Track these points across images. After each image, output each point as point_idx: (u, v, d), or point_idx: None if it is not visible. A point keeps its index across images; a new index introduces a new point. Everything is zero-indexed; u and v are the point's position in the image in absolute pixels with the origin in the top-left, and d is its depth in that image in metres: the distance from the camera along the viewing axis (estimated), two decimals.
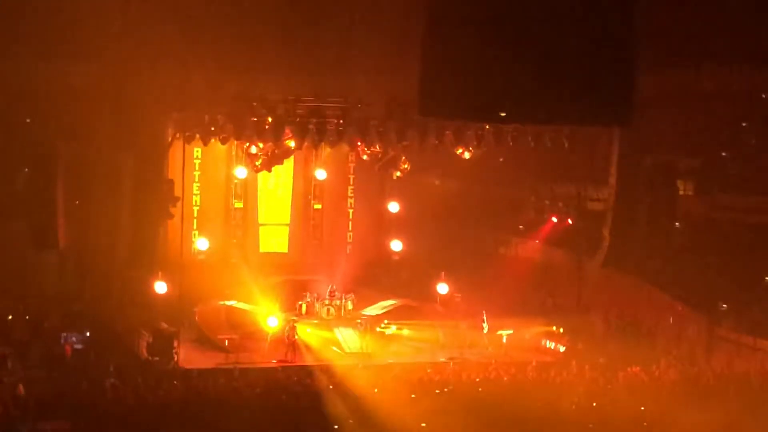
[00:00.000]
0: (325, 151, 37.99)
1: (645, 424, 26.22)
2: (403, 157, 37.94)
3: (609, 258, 35.16)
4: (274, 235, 41.00)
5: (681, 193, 37.78)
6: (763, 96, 39.70)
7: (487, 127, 33.89)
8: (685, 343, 33.37)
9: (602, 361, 30.25)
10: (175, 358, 30.30)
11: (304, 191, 41.04)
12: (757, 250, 36.30)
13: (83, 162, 31.31)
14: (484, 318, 33.78)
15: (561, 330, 34.22)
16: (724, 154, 41.01)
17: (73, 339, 30.70)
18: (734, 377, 29.81)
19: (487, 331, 33.59)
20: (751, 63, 37.08)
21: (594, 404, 27.01)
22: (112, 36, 29.82)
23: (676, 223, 37.53)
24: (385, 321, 34.51)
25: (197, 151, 37.68)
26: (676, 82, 37.41)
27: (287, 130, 33.78)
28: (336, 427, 25.14)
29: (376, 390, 27.33)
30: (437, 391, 27.84)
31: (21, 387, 26.04)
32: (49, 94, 30.33)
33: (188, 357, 30.87)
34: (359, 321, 34.60)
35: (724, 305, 35.04)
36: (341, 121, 33.91)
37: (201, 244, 38.17)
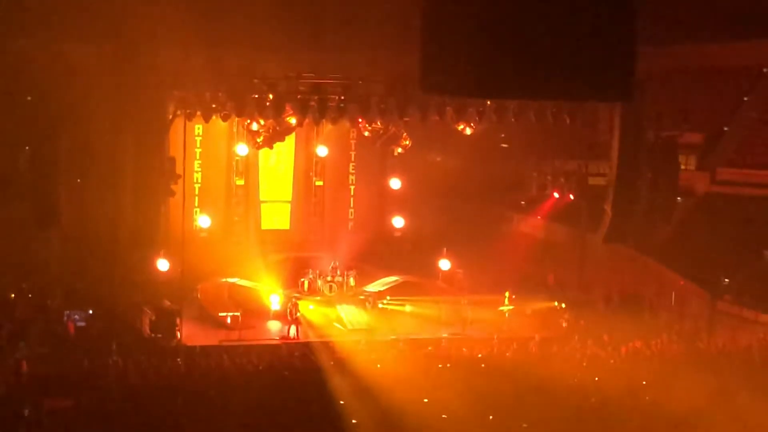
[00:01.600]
0: (327, 127, 37.91)
1: (647, 397, 26.28)
2: (405, 134, 37.94)
3: (611, 233, 35.19)
4: (276, 212, 41.03)
5: (682, 167, 37.76)
6: (765, 70, 39.68)
7: (489, 103, 33.86)
8: (687, 318, 33.44)
9: (604, 336, 30.32)
10: (178, 336, 30.41)
11: (306, 168, 41.04)
12: (757, 225, 36.35)
13: (84, 140, 31.26)
14: (507, 295, 33.88)
15: (563, 305, 34.30)
16: (725, 128, 41.01)
17: (76, 317, 30.78)
18: (736, 351, 29.89)
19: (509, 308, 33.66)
20: (752, 38, 37.05)
21: (596, 379, 27.07)
22: (112, 15, 29.73)
23: (678, 198, 37.54)
24: (388, 297, 34.60)
25: (198, 129, 37.66)
26: (677, 58, 37.41)
27: (288, 107, 33.75)
28: (342, 402, 25.19)
29: (378, 366, 27.43)
30: (440, 366, 27.94)
31: (24, 364, 26.15)
32: (49, 73, 30.24)
33: (191, 334, 30.99)
34: (362, 297, 34.69)
35: (726, 279, 35.08)
36: (342, 98, 33.85)
37: (203, 221, 38.22)
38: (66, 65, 30.39)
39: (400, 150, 38.82)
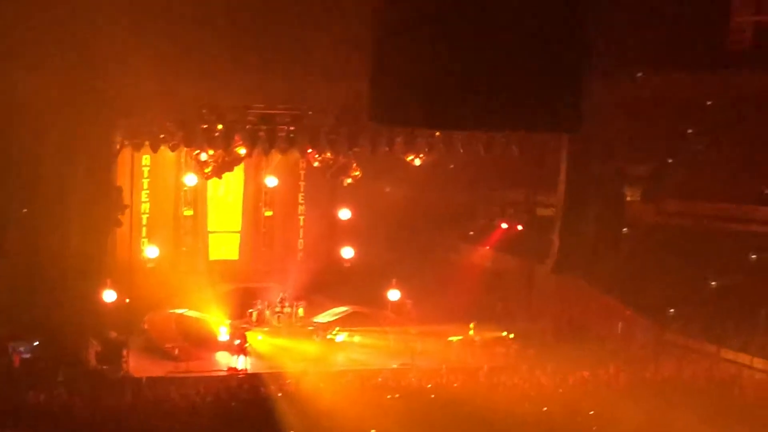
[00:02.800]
0: (276, 158, 37.87)
1: (594, 428, 26.41)
2: (354, 164, 38.01)
3: (558, 264, 35.41)
4: (225, 243, 40.82)
5: (629, 199, 38.11)
6: (708, 103, 40.15)
7: (438, 134, 34.04)
8: (634, 347, 33.64)
9: (552, 366, 30.43)
10: (125, 367, 30.12)
11: (255, 198, 40.92)
12: (703, 255, 36.69)
13: (31, 170, 30.98)
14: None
15: (511, 335, 34.40)
16: (670, 160, 41.43)
17: (21, 349, 30.37)
18: (682, 381, 30.12)
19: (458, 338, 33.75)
20: (698, 71, 37.51)
21: (545, 408, 27.17)
22: (61, 44, 29.55)
23: (624, 229, 37.86)
24: (337, 328, 34.53)
25: (146, 159, 37.38)
26: (624, 90, 37.74)
27: (237, 138, 33.71)
28: None
29: (327, 397, 27.33)
30: (389, 397, 27.89)
31: None
32: None
33: (138, 365, 30.68)
34: (311, 328, 34.58)
35: (672, 310, 35.37)
36: (292, 128, 33.90)
37: (150, 251, 37.88)
38: (11, 96, 30.13)
39: (349, 180, 38.86)
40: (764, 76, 32.40)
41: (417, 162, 36.45)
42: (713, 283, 37.07)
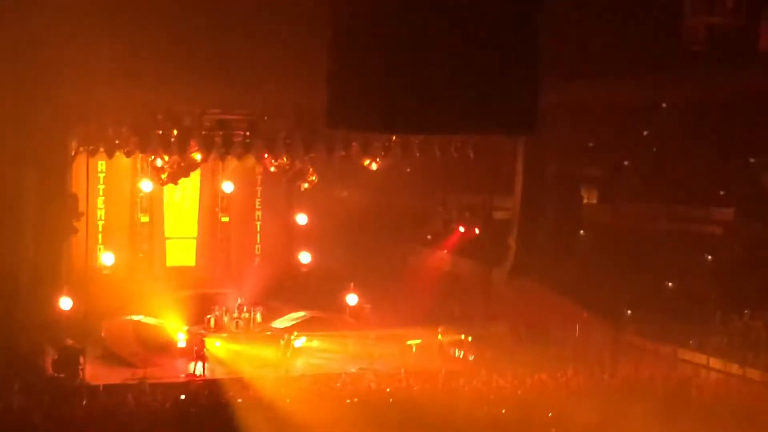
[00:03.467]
0: (232, 163, 37.75)
1: (552, 430, 26.52)
2: (311, 169, 37.96)
3: (515, 267, 35.57)
4: (181, 249, 40.63)
5: (585, 201, 38.36)
6: (663, 106, 40.48)
7: (394, 138, 34.09)
8: (592, 350, 33.82)
9: (510, 369, 30.53)
10: (81, 375, 29.88)
11: (211, 204, 40.76)
12: (659, 257, 36.99)
13: None
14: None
15: (469, 339, 34.48)
16: (626, 163, 41.73)
17: None
18: (639, 382, 30.31)
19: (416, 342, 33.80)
20: (652, 73, 37.78)
21: (503, 411, 27.26)
22: (12, 47, 29.31)
23: (581, 231, 38.10)
24: (295, 333, 34.44)
25: (101, 165, 37.14)
26: (580, 93, 37.92)
27: (193, 143, 33.60)
28: None
29: (287, 401, 27.28)
30: (348, 401, 27.87)
31: None
32: None
33: (95, 373, 30.47)
34: (269, 333, 34.49)
35: (629, 311, 35.62)
36: (248, 134, 33.84)
37: (106, 258, 37.63)
38: None
39: (306, 185, 38.79)
40: (719, 78, 32.70)
41: (374, 166, 36.50)
42: (669, 284, 37.40)
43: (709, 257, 38.38)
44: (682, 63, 32.49)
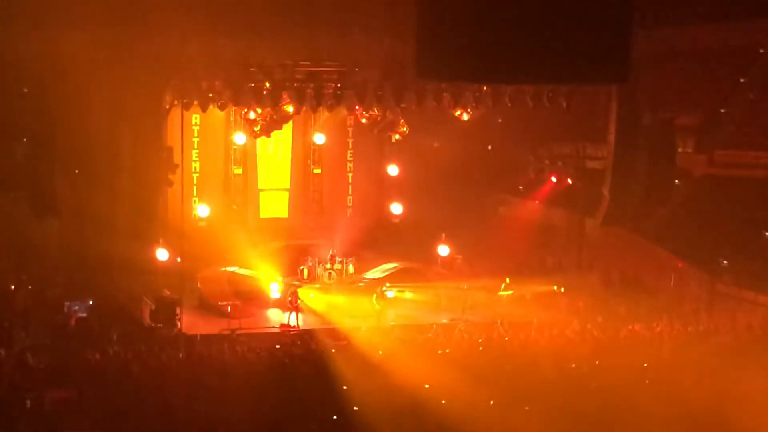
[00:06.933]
0: (324, 115, 37.90)
1: (647, 381, 26.30)
2: (402, 120, 37.93)
3: (608, 217, 35.23)
4: (274, 201, 41.04)
5: (680, 150, 37.74)
6: (761, 51, 39.62)
7: (485, 88, 33.86)
8: (687, 300, 33.46)
9: (604, 320, 30.33)
10: (178, 325, 30.42)
11: (303, 156, 41.04)
12: (755, 206, 36.34)
13: (82, 130, 31.20)
14: (506, 281, 33.96)
15: (562, 289, 34.32)
16: (722, 110, 40.96)
17: (76, 308, 30.74)
18: (736, 332, 29.91)
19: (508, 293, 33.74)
20: (748, 18, 36.96)
21: (597, 362, 27.09)
22: (108, 3, 29.69)
23: (676, 181, 37.54)
24: (387, 284, 34.60)
25: (196, 118, 37.60)
26: (674, 39, 37.33)
27: (285, 95, 33.78)
28: (345, 387, 25.20)
29: (380, 352, 27.45)
30: (440, 352, 27.95)
31: (29, 356, 26.08)
32: (45, 63, 30.18)
33: (191, 323, 31.00)
34: (361, 284, 34.71)
35: (725, 261, 35.10)
36: (339, 85, 33.90)
37: (201, 210, 38.21)
38: (61, 56, 30.31)
39: (397, 137, 38.79)
40: None
41: (465, 117, 36.30)
42: (767, 233, 36.72)
43: None
44: None
